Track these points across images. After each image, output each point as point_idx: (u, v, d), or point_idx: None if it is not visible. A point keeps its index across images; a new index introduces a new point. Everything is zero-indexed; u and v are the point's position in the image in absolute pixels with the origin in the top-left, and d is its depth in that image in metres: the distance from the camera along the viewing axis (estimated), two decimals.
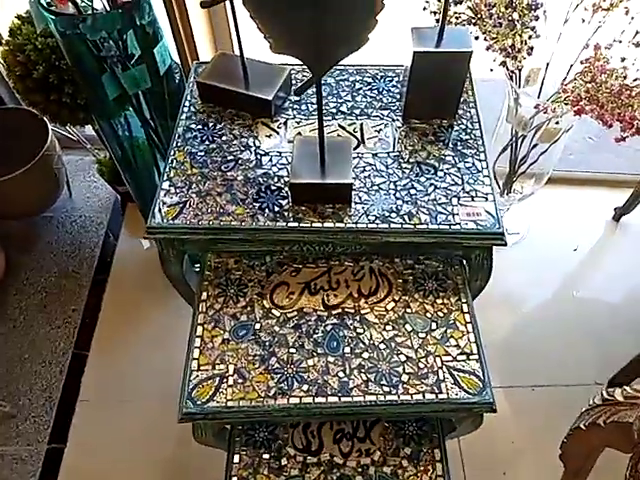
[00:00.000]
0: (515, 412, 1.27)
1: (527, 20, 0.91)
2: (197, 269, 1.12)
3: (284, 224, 0.84)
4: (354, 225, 0.84)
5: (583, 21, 1.06)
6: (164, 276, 0.97)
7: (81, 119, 1.24)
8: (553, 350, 1.37)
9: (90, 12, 0.92)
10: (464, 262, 0.92)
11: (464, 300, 0.88)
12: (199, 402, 0.78)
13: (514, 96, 1.15)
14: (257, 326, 0.85)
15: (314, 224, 0.84)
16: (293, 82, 1.03)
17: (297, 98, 1.02)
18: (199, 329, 0.85)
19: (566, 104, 1.00)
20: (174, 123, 0.98)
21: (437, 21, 1.01)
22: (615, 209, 1.59)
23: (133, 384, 1.32)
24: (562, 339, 1.39)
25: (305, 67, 1.03)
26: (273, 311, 0.87)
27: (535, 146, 1.25)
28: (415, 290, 0.89)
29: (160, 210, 0.85)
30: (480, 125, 0.97)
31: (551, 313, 1.45)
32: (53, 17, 0.89)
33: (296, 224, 0.84)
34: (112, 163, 1.52)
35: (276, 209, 0.86)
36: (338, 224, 0.84)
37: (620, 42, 0.92)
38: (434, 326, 0.85)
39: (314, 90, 1.00)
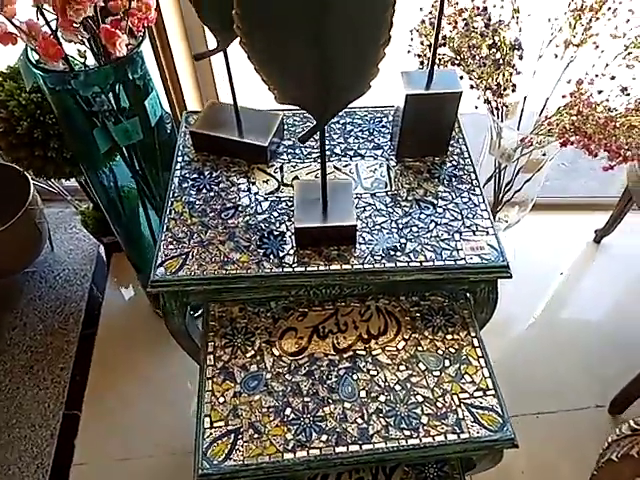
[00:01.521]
0: (523, 441, 1.25)
1: (510, 59, 0.95)
2: (197, 313, 1.10)
3: (290, 269, 0.83)
4: (361, 266, 0.83)
5: (556, 56, 1.12)
6: (154, 326, 0.94)
7: (67, 173, 1.22)
8: (548, 375, 1.38)
9: (82, 68, 0.91)
10: (469, 295, 0.93)
11: (473, 334, 0.88)
12: (215, 462, 0.75)
13: (497, 130, 1.19)
14: (268, 376, 0.83)
15: (320, 267, 0.83)
16: (285, 127, 1.05)
17: (290, 142, 1.03)
18: (209, 383, 0.82)
19: (550, 136, 1.04)
20: (165, 173, 0.98)
21: (421, 63, 1.05)
22: (595, 231, 1.64)
23: (131, 442, 1.26)
24: (555, 363, 1.40)
25: (301, 112, 1.06)
26: (283, 359, 0.85)
27: (517, 174, 1.29)
28: (424, 327, 0.89)
29: (163, 263, 0.84)
30: (471, 160, 1.00)
31: (541, 337, 1.46)
32: (43, 74, 0.88)
33: (302, 269, 0.83)
34: (96, 214, 1.50)
35: (281, 254, 0.85)
36: (345, 266, 0.84)
37: (603, 76, 0.96)
38: (447, 363, 0.85)
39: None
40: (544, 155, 1.10)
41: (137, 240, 1.30)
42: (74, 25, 0.77)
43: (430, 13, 0.97)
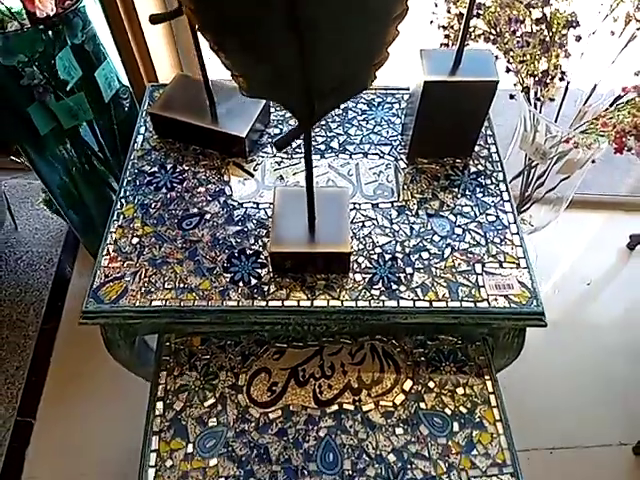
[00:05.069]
0: (533, 479, 1.11)
1: (563, 40, 0.73)
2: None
3: (263, 303, 0.65)
4: (353, 303, 0.65)
5: (612, 34, 0.89)
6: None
7: (15, 151, 1.02)
8: (566, 405, 1.21)
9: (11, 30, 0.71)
10: (488, 337, 0.75)
11: (490, 389, 0.71)
12: None
13: (532, 122, 0.98)
14: (230, 434, 0.66)
15: (302, 303, 0.65)
16: (272, 111, 0.84)
17: (277, 130, 0.83)
18: (154, 440, 0.66)
19: (601, 135, 0.83)
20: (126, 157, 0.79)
21: (446, 37, 0.83)
22: (631, 236, 1.44)
23: (89, 457, 1.12)
24: (575, 391, 1.23)
25: None
26: (251, 410, 0.68)
27: (550, 170, 1.08)
28: (429, 377, 0.71)
29: (101, 287, 0.66)
30: (501, 165, 0.80)
31: (565, 362, 1.28)
32: None
33: (279, 303, 0.65)
34: None
35: (253, 282, 0.67)
36: (333, 302, 0.65)
37: None
38: (456, 427, 0.67)
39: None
40: (593, 162, 0.90)
41: (95, 228, 1.12)
42: None
43: None
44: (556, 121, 0.98)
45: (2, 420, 1.16)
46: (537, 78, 0.76)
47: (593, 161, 0.91)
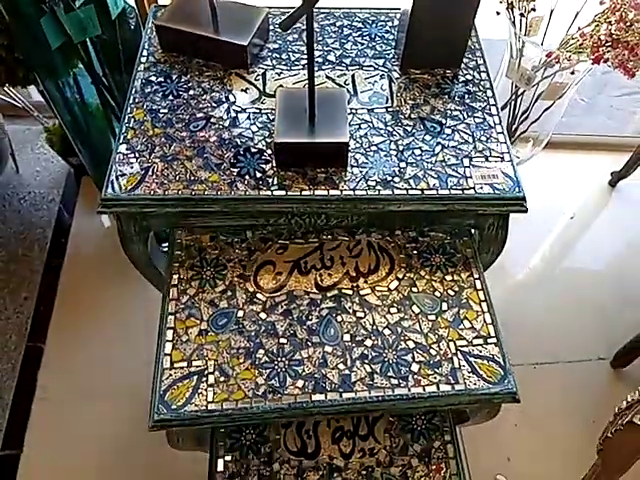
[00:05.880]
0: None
1: None
2: (165, 248, 0.98)
3: (268, 193, 0.71)
4: (351, 192, 0.71)
5: None
6: (124, 257, 0.82)
7: (21, 78, 1.05)
8: (552, 323, 1.30)
9: None
10: (474, 232, 0.81)
11: (476, 276, 0.77)
12: (174, 406, 0.65)
13: (517, 46, 1.03)
14: (240, 313, 0.72)
15: (304, 192, 0.71)
16: (271, 27, 0.89)
17: (276, 45, 0.87)
18: (170, 319, 0.72)
19: (580, 52, 0.89)
20: (130, 78, 0.83)
21: None
22: (612, 173, 1.51)
23: (98, 379, 1.18)
24: (561, 311, 1.32)
25: (290, 10, 0.89)
26: (258, 295, 0.74)
27: (536, 101, 1.14)
28: (421, 266, 0.78)
29: (117, 178, 0.71)
30: (488, 75, 0.85)
31: (548, 284, 1.37)
32: None
33: (283, 192, 0.71)
34: (63, 131, 1.34)
35: (258, 175, 0.72)
36: (332, 192, 0.71)
37: None
38: (445, 306, 0.74)
39: (296, 37, 0.87)
40: (572, 74, 0.95)
41: (104, 162, 1.16)
42: None
43: None
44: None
45: (14, 346, 1.22)
46: None
47: (573, 72, 0.96)
